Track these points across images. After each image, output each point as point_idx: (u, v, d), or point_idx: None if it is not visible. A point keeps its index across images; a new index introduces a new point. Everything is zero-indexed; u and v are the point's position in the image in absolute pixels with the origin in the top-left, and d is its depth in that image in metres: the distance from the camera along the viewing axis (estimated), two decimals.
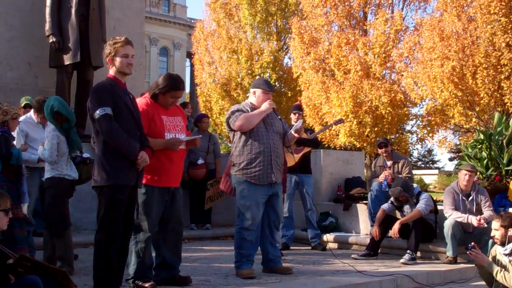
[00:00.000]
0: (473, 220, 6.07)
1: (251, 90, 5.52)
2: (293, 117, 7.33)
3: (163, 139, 4.54)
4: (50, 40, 8.08)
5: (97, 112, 4.04)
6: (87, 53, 8.17)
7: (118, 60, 4.20)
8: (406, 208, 6.69)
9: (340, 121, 8.49)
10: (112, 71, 4.27)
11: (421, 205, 6.51)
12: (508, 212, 4.94)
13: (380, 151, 7.76)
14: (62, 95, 7.33)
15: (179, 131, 4.68)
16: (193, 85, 35.99)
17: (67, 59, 8.11)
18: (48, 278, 3.54)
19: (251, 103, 5.43)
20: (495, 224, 4.81)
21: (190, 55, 34.80)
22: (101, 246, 4.11)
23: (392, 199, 6.84)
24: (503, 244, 4.79)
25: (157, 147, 4.48)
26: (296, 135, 5.46)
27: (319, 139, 7.94)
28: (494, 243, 5.07)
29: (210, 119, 26.56)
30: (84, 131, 7.74)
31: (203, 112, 25.92)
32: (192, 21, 42.35)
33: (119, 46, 4.20)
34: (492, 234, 4.86)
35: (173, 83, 4.65)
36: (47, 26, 8.09)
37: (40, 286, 3.39)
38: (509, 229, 4.81)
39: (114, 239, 4.10)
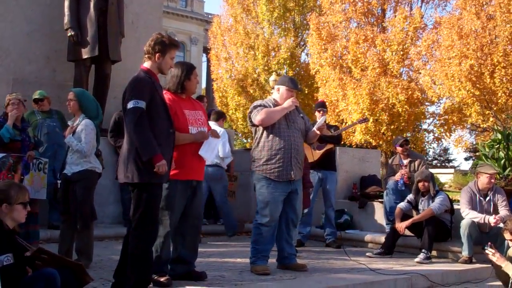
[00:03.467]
0: (491, 219, 6.03)
1: (276, 87, 5.52)
2: (317, 114, 7.31)
3: (190, 134, 4.56)
4: (69, 34, 8.12)
5: (130, 102, 4.01)
6: (105, 47, 8.21)
7: (166, 60, 4.21)
8: (422, 206, 6.66)
9: (365, 120, 8.44)
10: (148, 64, 4.22)
11: (434, 204, 6.48)
12: (511, 219, 4.93)
13: (399, 149, 7.71)
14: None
15: (200, 125, 4.70)
16: (209, 80, 36.06)
17: (85, 53, 8.15)
18: (65, 271, 3.57)
19: (274, 99, 5.43)
20: (507, 236, 4.80)
21: (206, 50, 34.88)
22: (140, 243, 4.06)
23: (409, 196, 6.81)
24: None
25: (185, 141, 4.50)
26: (318, 132, 5.44)
27: (341, 136, 7.94)
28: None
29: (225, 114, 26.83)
30: (101, 125, 7.80)
31: (219, 108, 26.06)
32: (209, 16, 42.38)
33: (173, 48, 4.23)
34: (511, 245, 4.84)
35: (187, 65, 4.74)
36: (66, 19, 8.14)
37: (57, 278, 3.42)
38: None
39: (155, 234, 4.12)
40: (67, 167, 5.27)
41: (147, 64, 4.24)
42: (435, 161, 47.05)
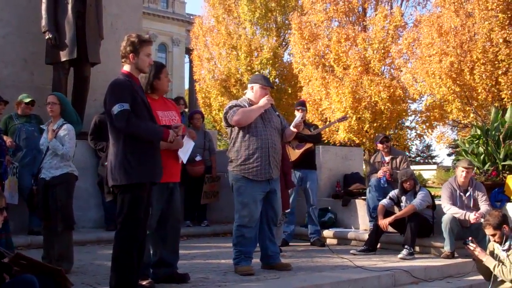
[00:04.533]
0: (471, 216, 6.08)
1: (249, 85, 5.49)
2: (297, 113, 7.30)
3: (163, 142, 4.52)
4: (46, 37, 8.01)
5: (115, 107, 3.99)
6: (84, 49, 8.12)
7: (142, 58, 4.18)
8: (404, 202, 6.70)
9: (344, 118, 8.48)
10: (128, 67, 4.21)
11: (416, 201, 6.53)
12: (491, 214, 4.98)
13: (380, 146, 7.74)
14: (58, 92, 7.29)
15: None
16: (192, 81, 35.90)
17: (64, 56, 8.05)
18: (44, 277, 3.51)
19: (249, 99, 5.41)
20: (489, 231, 4.83)
21: (189, 51, 34.74)
22: (124, 244, 4.06)
23: (392, 193, 6.85)
24: (503, 242, 4.83)
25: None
26: (295, 130, 5.42)
27: (321, 135, 7.94)
28: None
29: (208, 115, 26.76)
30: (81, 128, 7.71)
31: (202, 109, 25.99)
32: (191, 17, 42.26)
33: (146, 45, 4.19)
34: (492, 240, 4.88)
35: (156, 64, 4.66)
36: (43, 22, 8.03)
37: (36, 285, 3.36)
38: (502, 226, 4.84)
39: (137, 237, 4.08)
40: (45, 171, 5.25)
41: (126, 68, 4.23)
42: (418, 158, 47.44)
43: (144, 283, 4.38)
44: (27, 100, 7.06)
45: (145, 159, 4.07)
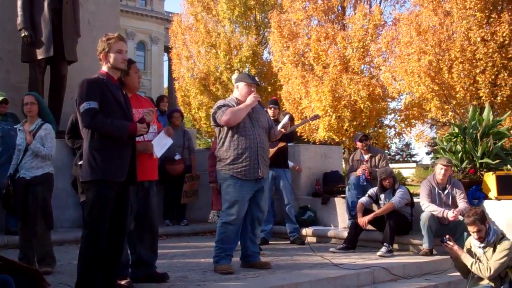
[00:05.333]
0: (449, 214, 6.13)
1: (235, 85, 5.51)
2: (269, 111, 7.32)
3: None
4: (22, 34, 7.91)
5: (82, 105, 3.99)
6: (61, 47, 8.03)
7: (112, 56, 4.16)
8: (383, 200, 6.74)
9: (316, 117, 8.50)
10: (105, 68, 4.21)
11: (395, 198, 6.59)
12: (474, 210, 5.01)
13: (359, 144, 7.79)
14: (35, 90, 7.20)
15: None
16: (171, 80, 35.73)
17: (40, 54, 7.95)
18: (20, 277, 3.47)
19: (236, 98, 5.42)
20: (476, 227, 4.85)
21: (167, 50, 34.55)
22: (84, 244, 4.01)
23: (371, 190, 6.89)
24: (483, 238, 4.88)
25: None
26: (283, 130, 5.46)
27: (293, 134, 7.95)
28: (468, 235, 5.14)
29: (188, 114, 26.66)
30: (58, 127, 7.61)
31: (181, 108, 25.85)
32: (170, 14, 41.97)
33: (113, 42, 4.18)
34: (476, 237, 4.91)
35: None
36: (19, 20, 7.92)
37: (12, 285, 3.32)
38: (485, 221, 4.90)
39: (98, 237, 3.98)
40: (25, 171, 5.22)
41: (104, 68, 4.24)
42: (397, 156, 47.86)
43: (122, 282, 4.36)
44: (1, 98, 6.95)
45: (111, 157, 4.03)
